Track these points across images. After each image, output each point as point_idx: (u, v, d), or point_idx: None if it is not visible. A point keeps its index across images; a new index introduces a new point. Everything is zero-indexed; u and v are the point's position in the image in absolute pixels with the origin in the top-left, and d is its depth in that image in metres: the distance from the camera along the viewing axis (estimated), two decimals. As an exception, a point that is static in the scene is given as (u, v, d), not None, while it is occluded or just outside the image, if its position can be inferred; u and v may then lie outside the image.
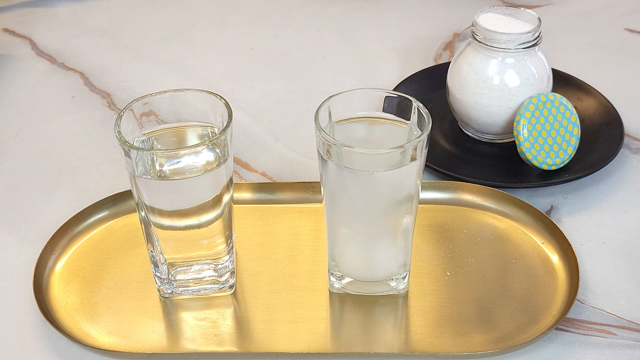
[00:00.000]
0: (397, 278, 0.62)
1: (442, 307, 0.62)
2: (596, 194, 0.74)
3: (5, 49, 1.00)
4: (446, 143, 0.80)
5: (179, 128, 0.60)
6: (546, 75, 0.76)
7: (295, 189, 0.73)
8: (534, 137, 0.73)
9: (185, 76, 0.94)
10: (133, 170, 0.55)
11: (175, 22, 1.06)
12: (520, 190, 0.74)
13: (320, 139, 0.55)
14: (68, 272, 0.66)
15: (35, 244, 0.69)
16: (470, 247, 0.67)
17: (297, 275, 0.65)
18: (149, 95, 0.59)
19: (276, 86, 0.92)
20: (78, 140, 0.83)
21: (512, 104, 0.75)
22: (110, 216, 0.71)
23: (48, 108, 0.89)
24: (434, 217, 0.70)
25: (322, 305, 0.63)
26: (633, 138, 0.81)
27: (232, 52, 0.99)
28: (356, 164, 0.54)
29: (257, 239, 0.69)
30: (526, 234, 0.68)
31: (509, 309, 0.61)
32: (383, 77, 0.93)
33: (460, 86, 0.77)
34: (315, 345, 0.59)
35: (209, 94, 0.59)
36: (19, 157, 0.81)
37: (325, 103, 0.57)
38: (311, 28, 1.04)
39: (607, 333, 0.60)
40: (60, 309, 0.62)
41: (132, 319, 0.62)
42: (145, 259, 0.66)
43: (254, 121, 0.86)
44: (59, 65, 0.96)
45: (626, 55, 0.96)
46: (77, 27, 1.05)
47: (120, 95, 0.90)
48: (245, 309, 0.62)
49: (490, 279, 0.64)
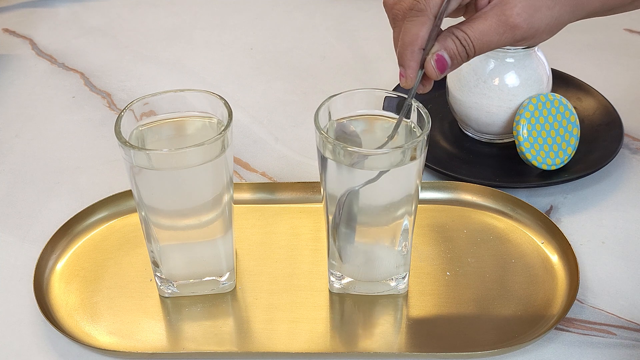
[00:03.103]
0: (397, 278, 0.62)
1: (442, 307, 0.62)
2: (596, 193, 0.74)
3: (6, 49, 1.00)
4: (446, 143, 0.80)
5: (177, 120, 0.60)
6: (546, 75, 0.76)
7: (295, 189, 0.73)
8: (534, 137, 0.73)
9: (185, 76, 0.94)
10: (132, 164, 0.55)
11: (175, 22, 1.06)
12: (520, 190, 0.74)
13: (320, 138, 0.55)
14: (68, 272, 0.66)
15: (35, 244, 0.69)
16: (470, 247, 0.67)
17: (297, 275, 0.65)
18: (149, 95, 0.59)
19: (276, 86, 0.92)
20: (78, 140, 0.83)
21: (511, 104, 0.75)
22: (110, 216, 0.71)
23: (48, 108, 0.89)
24: (434, 217, 0.70)
25: (322, 305, 0.63)
26: (632, 138, 0.81)
27: (232, 52, 0.99)
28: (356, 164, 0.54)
29: (257, 239, 0.69)
30: (526, 234, 0.68)
31: (508, 309, 0.62)
32: (383, 77, 0.93)
33: (460, 86, 0.77)
34: (315, 345, 0.59)
35: (209, 94, 0.59)
36: (19, 157, 0.81)
37: (325, 103, 0.57)
38: (311, 28, 1.04)
39: (607, 333, 0.60)
40: (61, 308, 0.62)
41: (132, 319, 0.62)
42: (145, 259, 0.66)
43: (254, 121, 0.86)
44: (59, 66, 0.96)
45: (626, 55, 0.96)
46: (77, 27, 1.05)
47: (120, 95, 0.90)
48: (245, 309, 0.63)
49: (490, 279, 0.64)
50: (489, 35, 0.55)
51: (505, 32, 0.55)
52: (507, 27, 0.55)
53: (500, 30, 0.55)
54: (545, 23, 0.56)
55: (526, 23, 0.55)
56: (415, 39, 0.55)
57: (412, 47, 0.55)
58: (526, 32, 0.56)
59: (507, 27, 0.55)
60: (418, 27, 0.55)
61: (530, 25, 0.56)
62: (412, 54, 0.55)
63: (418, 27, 0.55)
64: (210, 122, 0.60)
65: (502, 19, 0.55)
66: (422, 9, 0.54)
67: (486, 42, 0.56)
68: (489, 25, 0.55)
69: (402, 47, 0.55)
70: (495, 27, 0.55)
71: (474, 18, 0.56)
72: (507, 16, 0.55)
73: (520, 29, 0.55)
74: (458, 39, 0.55)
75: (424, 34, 0.55)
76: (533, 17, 0.55)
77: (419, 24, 0.55)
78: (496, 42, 0.56)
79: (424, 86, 0.57)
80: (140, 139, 0.59)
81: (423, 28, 0.55)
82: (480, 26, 0.55)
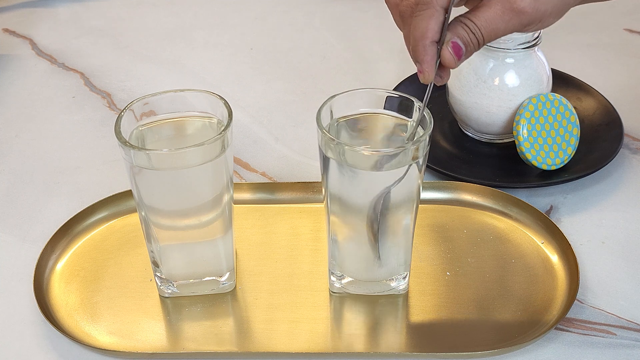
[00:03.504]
0: (397, 278, 0.62)
1: (442, 307, 0.62)
2: (596, 193, 0.74)
3: (6, 49, 1.00)
4: (446, 143, 0.80)
5: (177, 120, 0.60)
6: (546, 76, 0.76)
7: (295, 189, 0.73)
8: (534, 137, 0.73)
9: (185, 76, 0.94)
10: (132, 164, 0.55)
11: (175, 22, 1.06)
12: (520, 190, 0.74)
13: (322, 138, 0.55)
14: (68, 272, 0.66)
15: (35, 244, 0.69)
16: (470, 247, 0.67)
17: (297, 275, 0.65)
18: (149, 95, 0.59)
19: (276, 86, 0.92)
20: (78, 140, 0.83)
21: (511, 104, 0.75)
22: (110, 216, 0.71)
23: (48, 108, 0.89)
24: (434, 217, 0.70)
25: (322, 305, 0.63)
26: (632, 138, 0.81)
27: (232, 52, 1.00)
28: (358, 164, 0.54)
29: (257, 239, 0.69)
30: (526, 234, 0.68)
31: (508, 309, 0.62)
32: (383, 77, 0.93)
33: (460, 86, 0.77)
34: (315, 345, 0.59)
35: (209, 94, 0.59)
36: (19, 157, 0.81)
37: (327, 103, 0.57)
38: (311, 28, 1.04)
39: (607, 333, 0.60)
40: (61, 308, 0.62)
41: (132, 319, 0.62)
42: (145, 259, 0.66)
43: (254, 121, 0.86)
44: (59, 66, 0.96)
45: (626, 55, 0.96)
46: (77, 27, 1.05)
47: (120, 95, 0.90)
48: (245, 309, 0.63)
49: (490, 279, 0.64)
50: (495, 23, 0.55)
51: (511, 18, 0.55)
52: (513, 13, 0.55)
53: (507, 17, 0.55)
54: (552, 5, 0.56)
55: (531, 7, 0.55)
56: (426, 31, 0.54)
57: (424, 40, 0.54)
58: (532, 16, 0.55)
59: (513, 13, 0.55)
60: (427, 20, 0.54)
61: (535, 9, 0.55)
62: (424, 48, 0.55)
63: (427, 20, 0.54)
64: (210, 122, 0.60)
65: (507, 5, 0.55)
66: (428, 2, 0.54)
67: (494, 30, 0.55)
68: (495, 13, 0.55)
69: (414, 42, 0.55)
70: (501, 14, 0.55)
71: (479, 7, 0.56)
72: (512, 2, 0.55)
73: (526, 13, 0.55)
74: (468, 27, 0.55)
75: (434, 26, 0.54)
76: (538, 1, 0.55)
77: (427, 17, 0.54)
78: (504, 29, 0.55)
79: (442, 78, 0.57)
80: (140, 139, 0.59)
81: (432, 20, 0.54)
82: (486, 14, 0.55)
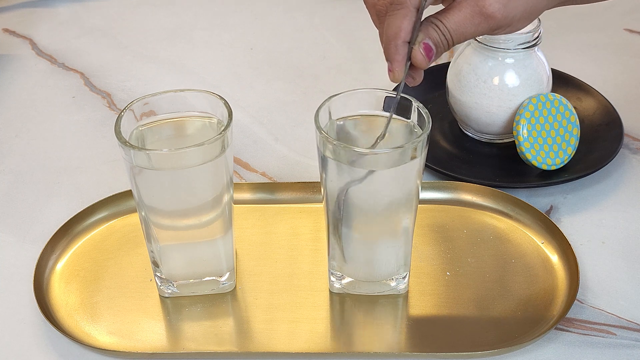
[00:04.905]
0: (397, 278, 0.62)
1: (442, 307, 0.62)
2: (596, 194, 0.74)
3: (6, 49, 1.00)
4: (446, 143, 0.80)
5: (177, 120, 0.60)
6: (546, 76, 0.76)
7: (295, 189, 0.73)
8: (534, 137, 0.73)
9: (185, 76, 0.94)
10: (132, 164, 0.55)
11: (175, 22, 1.06)
12: (520, 190, 0.74)
13: (320, 138, 0.55)
14: (68, 272, 0.66)
15: (35, 244, 0.69)
16: (470, 247, 0.67)
17: (297, 275, 0.65)
18: (149, 95, 0.59)
19: (276, 86, 0.92)
20: (78, 140, 0.83)
21: (511, 104, 0.75)
22: (110, 216, 0.71)
23: (48, 108, 0.89)
24: (434, 217, 0.70)
25: (322, 305, 0.63)
26: (632, 138, 0.81)
27: (232, 52, 0.99)
28: (356, 164, 0.54)
29: (257, 239, 0.69)
30: (526, 234, 0.68)
31: (508, 309, 0.62)
32: (383, 77, 0.93)
33: (460, 86, 0.77)
34: (315, 345, 0.59)
35: (209, 94, 0.59)
36: (19, 157, 0.81)
37: (325, 103, 0.57)
38: (311, 28, 1.04)
39: (607, 333, 0.60)
40: (61, 308, 0.62)
41: (132, 319, 0.62)
42: (145, 259, 0.66)
43: (254, 121, 0.86)
44: (59, 66, 0.96)
45: (626, 55, 0.96)
46: (77, 27, 1.05)
47: (120, 95, 0.90)
48: (245, 309, 0.63)
49: (490, 279, 0.64)
50: (464, 26, 0.55)
51: (480, 22, 0.55)
52: (482, 18, 0.55)
53: (476, 20, 0.55)
54: (521, 11, 0.56)
55: (500, 13, 0.55)
56: (399, 31, 0.54)
57: (396, 40, 0.55)
58: (501, 21, 0.55)
59: (482, 17, 0.55)
60: (400, 19, 0.54)
61: (504, 15, 0.55)
62: (396, 47, 0.55)
63: (400, 19, 0.54)
64: (210, 122, 0.60)
65: (476, 9, 0.55)
66: (402, 2, 0.54)
67: (463, 33, 0.55)
68: (464, 16, 0.55)
69: (387, 41, 0.55)
70: (470, 18, 0.55)
71: (450, 8, 0.56)
72: (481, 6, 0.55)
73: (495, 18, 0.55)
74: (439, 28, 0.55)
75: (407, 26, 0.54)
76: (507, 6, 0.55)
77: (400, 17, 0.54)
78: (472, 32, 0.56)
79: (413, 79, 0.57)
80: (140, 139, 0.59)
81: (405, 20, 0.54)
82: (456, 17, 0.55)
